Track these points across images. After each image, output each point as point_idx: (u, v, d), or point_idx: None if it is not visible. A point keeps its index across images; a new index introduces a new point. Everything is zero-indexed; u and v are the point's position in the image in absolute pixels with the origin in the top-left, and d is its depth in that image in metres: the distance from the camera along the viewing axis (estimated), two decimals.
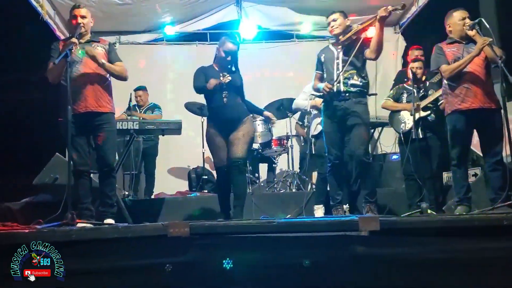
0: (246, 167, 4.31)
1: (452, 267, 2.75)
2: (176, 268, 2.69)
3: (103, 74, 3.80)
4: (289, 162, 6.11)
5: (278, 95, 6.24)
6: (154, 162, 6.43)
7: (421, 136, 4.59)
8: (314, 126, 4.89)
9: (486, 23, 3.71)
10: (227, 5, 7.18)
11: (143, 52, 7.53)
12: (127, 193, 5.67)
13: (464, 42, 3.93)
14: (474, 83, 3.81)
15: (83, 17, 3.78)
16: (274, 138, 6.08)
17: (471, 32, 3.81)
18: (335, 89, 3.96)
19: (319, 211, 4.60)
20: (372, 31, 3.95)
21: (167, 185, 6.74)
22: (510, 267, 2.67)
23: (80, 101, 3.67)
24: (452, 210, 4.44)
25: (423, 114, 4.63)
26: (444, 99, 4.08)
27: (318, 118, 4.79)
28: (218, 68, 4.17)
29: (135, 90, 6.40)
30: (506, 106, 3.72)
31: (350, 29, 4.01)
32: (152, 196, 6.12)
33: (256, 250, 2.80)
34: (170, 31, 7.33)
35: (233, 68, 4.19)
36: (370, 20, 3.85)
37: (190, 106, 6.11)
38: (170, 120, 4.78)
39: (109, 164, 3.78)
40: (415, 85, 4.65)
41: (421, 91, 4.72)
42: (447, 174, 5.18)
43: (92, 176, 3.91)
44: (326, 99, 4.08)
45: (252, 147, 4.64)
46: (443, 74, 3.93)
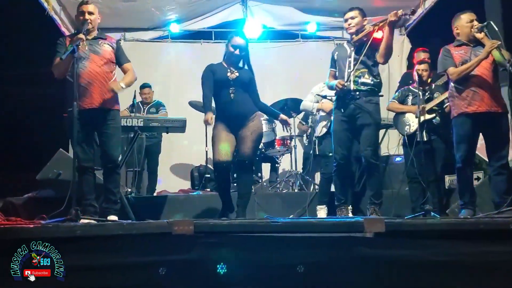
0: (253, 166, 4.27)
1: (457, 270, 2.75)
2: (174, 269, 2.68)
3: (109, 71, 3.80)
4: (292, 162, 6.10)
5: (283, 95, 6.23)
6: (157, 159, 6.44)
7: (425, 139, 4.58)
8: (319, 128, 4.88)
9: (495, 26, 3.70)
10: (232, 3, 7.17)
11: (148, 49, 7.52)
12: (129, 190, 5.67)
13: (471, 45, 3.90)
14: (481, 87, 3.79)
15: (91, 13, 3.77)
16: (277, 138, 6.06)
17: (479, 35, 3.80)
18: (346, 87, 3.94)
19: (321, 211, 4.59)
20: (380, 34, 3.93)
21: (170, 182, 6.74)
22: None
23: (85, 97, 3.66)
24: (456, 213, 4.43)
25: (428, 116, 4.62)
26: (450, 101, 4.06)
27: (324, 122, 4.78)
28: (227, 64, 4.15)
29: (142, 88, 6.40)
30: None
31: (363, 29, 3.99)
32: (154, 194, 6.12)
33: (259, 250, 2.80)
34: (175, 28, 7.33)
35: (241, 64, 4.17)
36: (381, 23, 3.83)
37: (195, 105, 6.09)
38: (174, 118, 4.76)
39: (113, 160, 3.78)
40: (421, 87, 4.63)
41: (426, 94, 4.71)
42: (449, 177, 5.17)
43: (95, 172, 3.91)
44: (339, 96, 4.06)
45: (259, 145, 4.58)
46: (450, 76, 3.92)
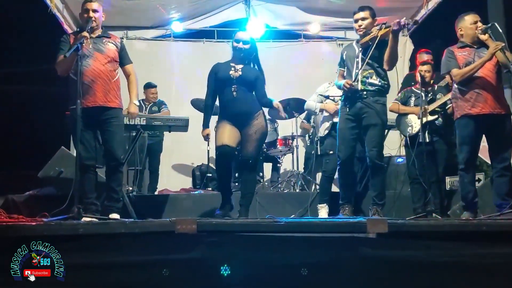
0: (256, 165, 4.25)
1: (459, 272, 2.75)
2: (177, 267, 2.68)
3: (113, 69, 3.80)
4: (293, 162, 6.10)
5: (285, 95, 6.21)
6: (159, 158, 6.44)
7: (427, 140, 4.57)
8: (322, 128, 4.87)
9: (499, 28, 3.69)
10: (235, 3, 7.17)
11: (150, 48, 7.52)
12: (131, 188, 5.67)
13: (475, 47, 3.90)
14: (484, 88, 3.79)
15: (95, 11, 3.77)
16: (279, 137, 6.07)
17: (483, 37, 3.79)
18: (353, 87, 3.93)
19: (322, 210, 4.57)
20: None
21: (171, 181, 6.74)
22: None
23: (89, 95, 3.66)
24: (457, 214, 4.43)
25: (430, 118, 4.61)
26: (453, 103, 4.05)
27: (327, 123, 4.77)
28: (233, 62, 4.11)
29: (148, 87, 6.42)
30: None
31: (370, 32, 3.97)
32: (155, 193, 6.12)
33: (262, 250, 2.80)
34: (177, 27, 7.33)
35: (246, 61, 4.13)
36: (385, 28, 3.81)
37: (197, 103, 6.08)
38: (177, 117, 4.75)
39: (116, 159, 3.77)
40: (423, 88, 4.62)
41: (429, 95, 4.70)
42: (450, 178, 5.17)
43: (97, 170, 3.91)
44: (347, 95, 4.05)
45: (263, 144, 4.56)
46: (454, 78, 3.91)
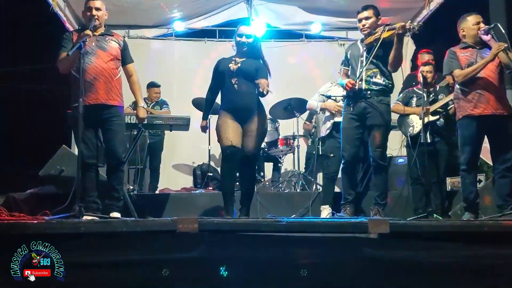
0: (256, 162, 4.24)
1: (460, 273, 2.74)
2: (178, 267, 2.68)
3: (115, 67, 3.80)
4: (294, 162, 6.10)
5: (286, 95, 6.21)
6: (160, 157, 6.45)
7: (429, 141, 4.57)
8: (324, 128, 4.87)
9: (502, 28, 3.69)
10: (237, 2, 7.17)
11: (152, 46, 7.52)
12: (132, 187, 5.66)
13: (477, 47, 3.90)
14: (487, 89, 3.78)
15: (98, 9, 3.76)
16: (280, 137, 6.06)
17: (486, 37, 3.79)
18: (357, 86, 3.93)
19: (325, 211, 4.57)
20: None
21: (172, 180, 6.74)
22: None
23: (91, 93, 3.65)
24: (458, 215, 4.43)
25: (432, 118, 4.61)
26: (455, 103, 4.05)
27: (328, 122, 4.77)
28: (235, 56, 4.09)
29: (153, 87, 6.44)
30: None
31: (374, 32, 3.96)
32: (156, 192, 6.11)
33: (262, 249, 2.79)
34: (179, 26, 7.33)
35: (249, 55, 4.06)
36: (389, 30, 3.80)
37: (198, 103, 6.08)
38: (178, 116, 4.74)
39: (118, 157, 3.77)
40: (425, 89, 4.62)
41: (431, 95, 4.70)
42: (451, 179, 5.17)
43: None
44: (349, 95, 4.04)
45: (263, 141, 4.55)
46: (456, 79, 3.91)
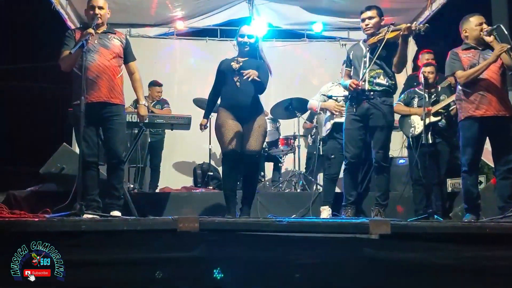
0: (259, 161, 4.25)
1: (461, 274, 2.74)
2: (178, 266, 2.68)
3: (117, 65, 3.80)
4: (295, 162, 6.09)
5: (287, 95, 6.21)
6: (160, 156, 6.47)
7: (430, 141, 4.57)
8: (325, 129, 4.86)
9: (504, 29, 3.68)
10: (238, 2, 7.15)
11: (153, 45, 7.51)
12: (132, 186, 5.66)
13: (480, 48, 3.89)
14: (489, 90, 3.77)
15: (101, 8, 3.76)
16: (281, 137, 6.06)
17: (488, 38, 3.78)
18: (360, 87, 3.92)
19: (325, 212, 4.57)
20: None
21: (172, 179, 6.74)
22: None
23: (93, 90, 3.65)
24: (459, 216, 4.43)
25: (433, 119, 4.60)
26: (457, 105, 4.04)
27: (328, 123, 4.76)
28: (237, 56, 4.12)
29: (155, 85, 6.46)
30: None
31: (378, 33, 3.96)
32: (157, 190, 6.11)
33: (262, 249, 2.79)
34: (181, 25, 7.33)
35: (251, 55, 4.10)
36: (394, 31, 3.79)
37: (199, 102, 6.08)
38: (179, 115, 4.74)
39: (118, 156, 3.77)
40: (427, 89, 4.62)
41: (432, 96, 4.69)
42: (452, 180, 5.16)
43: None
44: (352, 95, 4.03)
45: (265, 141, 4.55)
46: (458, 80, 3.90)
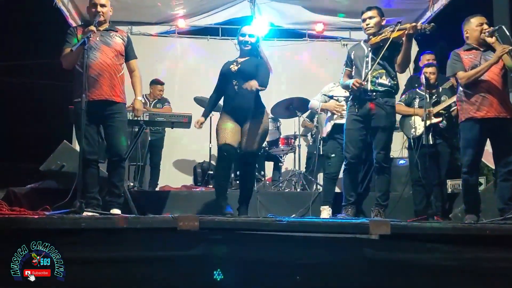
0: (256, 161, 4.26)
1: (461, 275, 2.74)
2: (177, 264, 2.68)
3: (119, 63, 3.80)
4: (295, 161, 6.09)
5: (288, 94, 6.21)
6: (160, 154, 6.46)
7: (431, 142, 4.57)
8: (324, 130, 4.86)
9: (506, 31, 3.68)
10: (240, 0, 7.15)
11: (154, 43, 7.50)
12: (132, 184, 5.66)
13: (481, 49, 3.88)
14: (490, 92, 3.77)
15: (103, 5, 3.76)
16: (281, 136, 6.06)
17: (490, 39, 3.77)
18: (363, 86, 3.90)
19: (324, 212, 4.57)
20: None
21: (172, 178, 6.74)
22: None
23: (95, 88, 3.65)
24: (459, 218, 4.43)
25: (434, 120, 4.60)
26: (458, 106, 4.03)
27: (329, 124, 4.75)
28: (239, 56, 4.13)
29: (157, 84, 6.46)
30: None
31: (381, 33, 3.95)
32: (156, 189, 6.11)
33: (262, 248, 2.79)
34: (182, 24, 7.33)
35: (252, 54, 4.10)
36: (399, 30, 3.78)
37: (200, 101, 6.08)
38: (180, 114, 4.74)
39: (119, 154, 3.77)
40: (428, 90, 4.62)
41: (433, 97, 4.69)
42: (452, 181, 5.16)
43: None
44: (355, 95, 4.01)
45: (265, 140, 4.56)
46: (460, 81, 3.89)
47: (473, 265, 2.72)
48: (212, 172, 6.04)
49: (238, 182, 4.65)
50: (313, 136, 6.11)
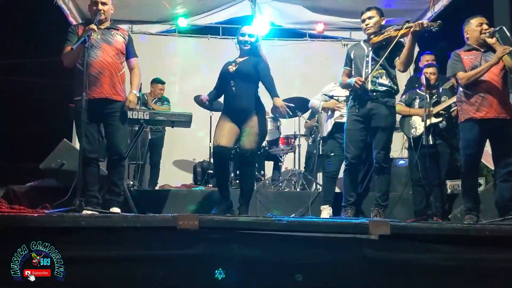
0: (255, 160, 4.26)
1: (460, 276, 2.74)
2: (177, 263, 2.68)
3: (119, 62, 3.80)
4: (295, 161, 6.09)
5: (288, 94, 6.19)
6: (160, 153, 6.46)
7: (431, 143, 4.57)
8: (325, 130, 4.85)
9: (507, 31, 3.68)
10: (241, 0, 7.15)
11: (155, 42, 7.51)
12: (131, 183, 5.66)
13: (482, 50, 3.88)
14: (490, 93, 3.77)
15: (104, 3, 3.75)
16: (281, 136, 6.05)
17: (491, 40, 3.77)
18: (365, 84, 3.89)
19: (325, 212, 4.56)
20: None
21: (172, 177, 6.74)
22: None
23: (96, 86, 3.64)
24: (458, 218, 4.42)
25: (434, 120, 4.60)
26: (458, 106, 4.04)
27: (330, 124, 4.76)
28: (238, 56, 4.14)
29: (158, 83, 6.46)
30: None
31: (382, 32, 3.95)
32: (156, 187, 6.11)
33: (262, 248, 2.79)
34: (182, 23, 7.33)
35: (251, 54, 4.11)
36: (404, 29, 3.77)
37: (200, 100, 6.06)
38: (180, 113, 4.73)
39: (119, 153, 3.77)
40: (428, 90, 4.62)
41: (434, 97, 4.69)
42: (451, 182, 5.17)
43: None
44: (356, 94, 4.00)
45: (264, 140, 4.56)
46: (460, 81, 3.89)
47: (473, 265, 2.72)
48: (212, 171, 6.03)
49: (238, 181, 4.65)
50: (312, 136, 6.11)
